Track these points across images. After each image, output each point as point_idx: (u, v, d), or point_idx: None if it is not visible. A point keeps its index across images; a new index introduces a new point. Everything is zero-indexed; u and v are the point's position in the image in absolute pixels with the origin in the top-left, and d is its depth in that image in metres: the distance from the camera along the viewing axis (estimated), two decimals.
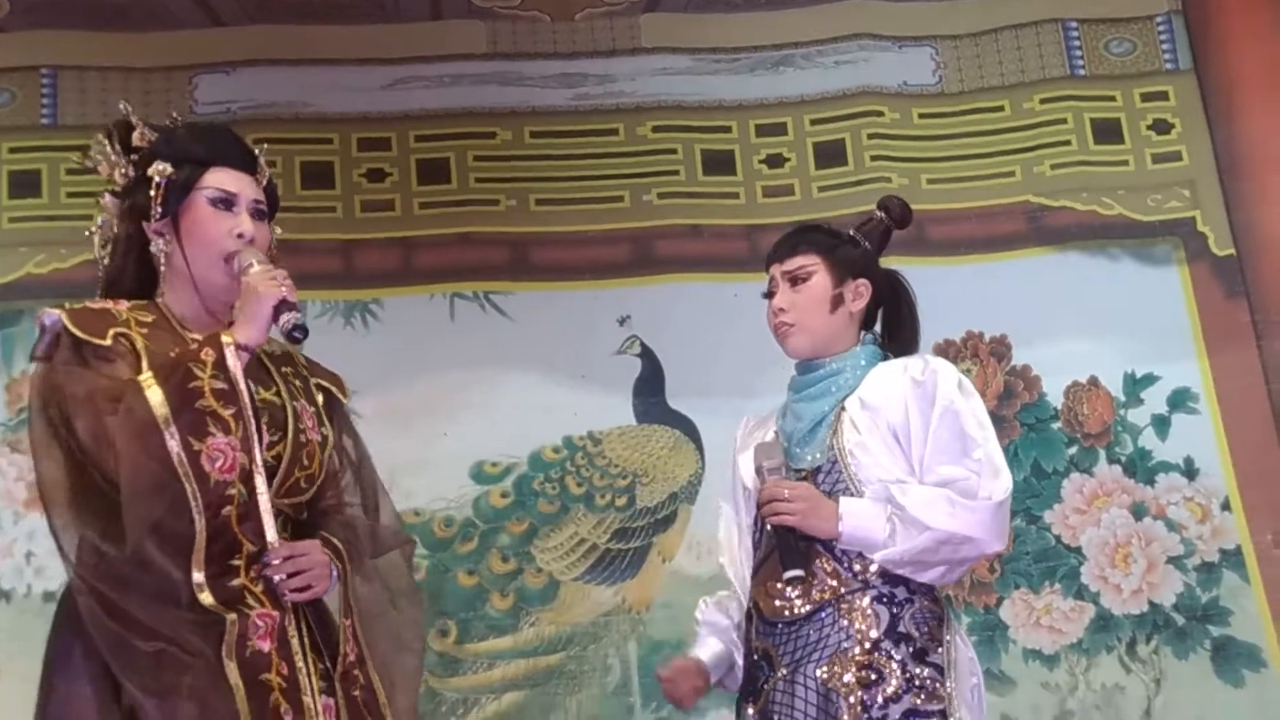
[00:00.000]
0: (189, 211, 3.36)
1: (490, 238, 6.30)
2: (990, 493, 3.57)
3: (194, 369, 3.15)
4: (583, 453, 6.16)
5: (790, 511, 3.59)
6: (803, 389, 3.83)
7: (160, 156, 3.38)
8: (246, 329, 3.23)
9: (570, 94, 6.52)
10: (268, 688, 3.12)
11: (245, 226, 3.36)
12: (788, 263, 3.84)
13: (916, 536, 3.54)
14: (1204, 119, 6.43)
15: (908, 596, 3.62)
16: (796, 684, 3.56)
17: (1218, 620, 5.96)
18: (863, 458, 3.67)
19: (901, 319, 3.97)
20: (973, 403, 3.70)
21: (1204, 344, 6.18)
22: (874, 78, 6.54)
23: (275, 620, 3.18)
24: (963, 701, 3.56)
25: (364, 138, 6.37)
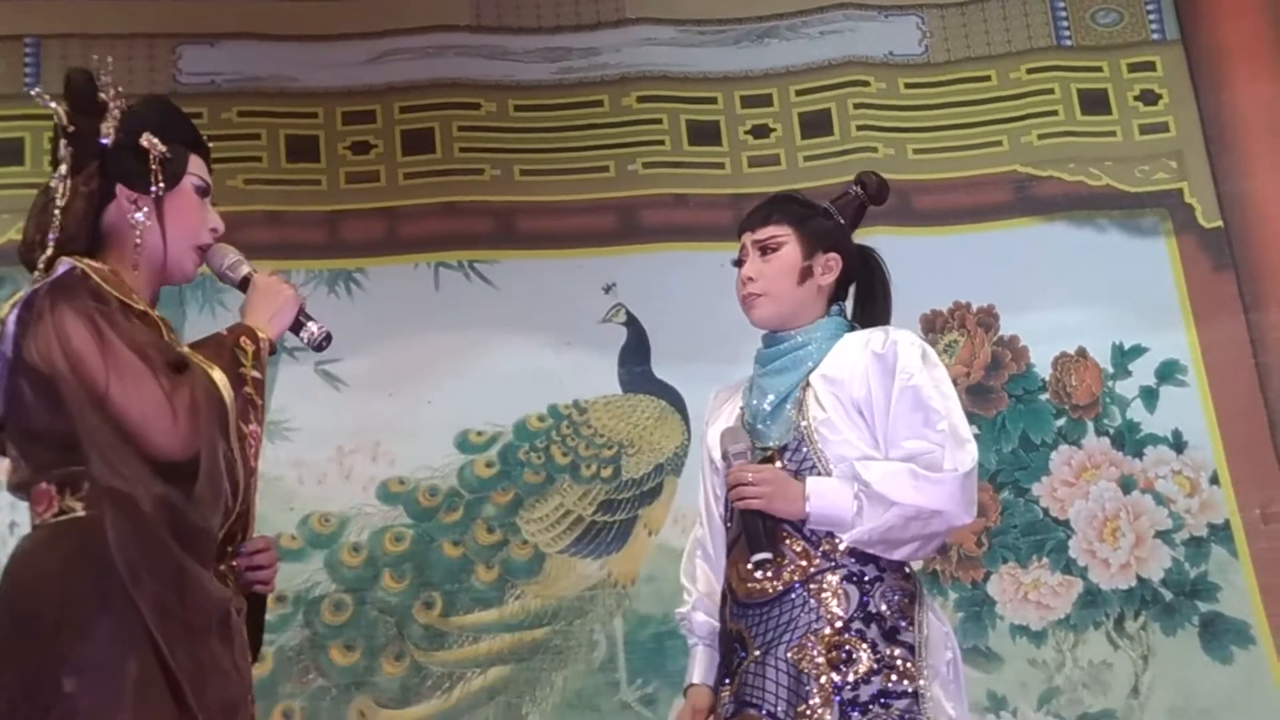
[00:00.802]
0: (177, 195, 3.30)
1: (475, 207, 6.28)
2: (956, 464, 3.53)
3: (239, 356, 3.17)
4: (568, 422, 6.12)
5: (756, 495, 3.56)
6: (768, 362, 3.80)
7: (148, 127, 3.29)
8: (273, 327, 3.28)
9: (554, 67, 6.48)
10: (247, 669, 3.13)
11: (219, 223, 3.37)
12: (759, 232, 3.80)
13: (883, 513, 3.50)
14: (1191, 90, 6.40)
15: (878, 575, 3.58)
16: (768, 665, 3.53)
17: (1206, 596, 5.90)
18: (830, 435, 3.63)
19: (874, 295, 3.92)
20: (935, 373, 3.66)
21: (1192, 316, 6.14)
22: (859, 48, 6.49)
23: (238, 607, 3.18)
24: (936, 678, 3.54)
25: (348, 111, 6.33)
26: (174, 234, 3.29)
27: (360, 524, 5.95)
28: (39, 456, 3.06)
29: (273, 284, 3.33)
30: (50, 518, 3.02)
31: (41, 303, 3.01)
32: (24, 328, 3.03)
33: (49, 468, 3.03)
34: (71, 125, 3.26)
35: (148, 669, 2.91)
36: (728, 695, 3.63)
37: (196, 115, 5.95)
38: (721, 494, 3.81)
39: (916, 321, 6.12)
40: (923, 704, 3.48)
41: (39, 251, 3.19)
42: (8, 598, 3.01)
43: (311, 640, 5.75)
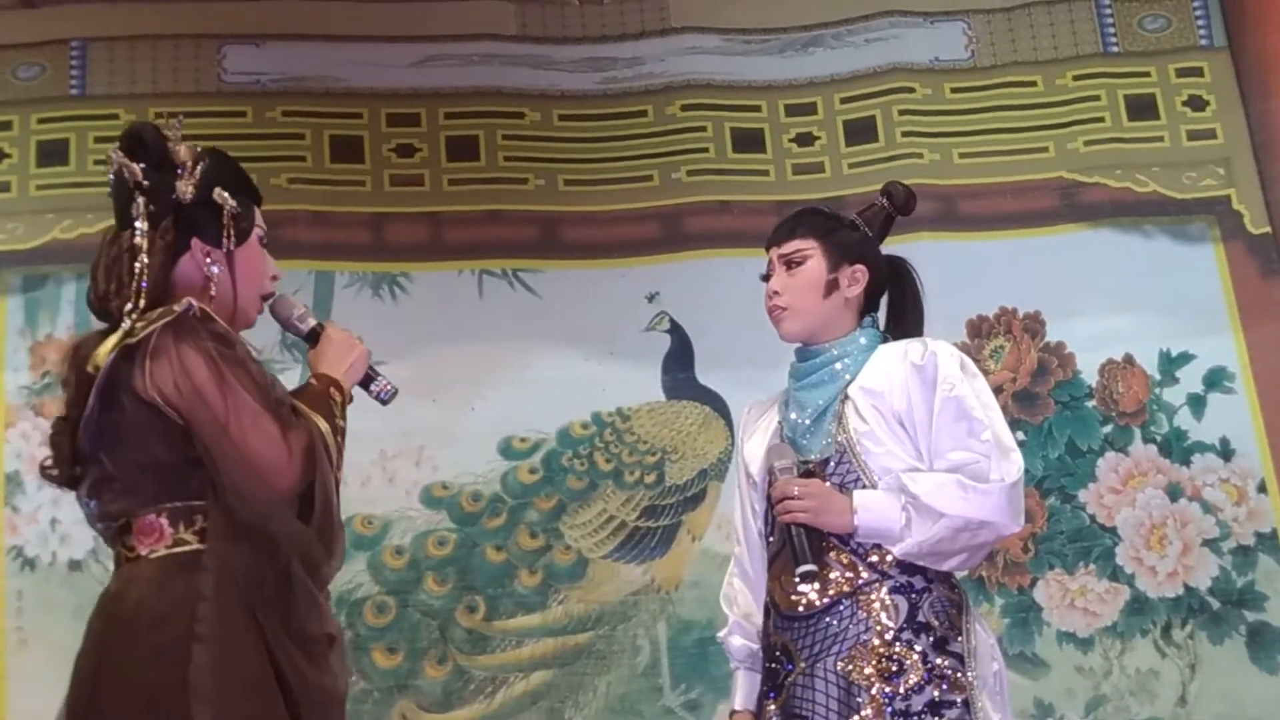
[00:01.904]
0: (246, 247, 3.41)
1: (519, 215, 6.30)
2: (1003, 474, 3.52)
3: (332, 407, 3.31)
4: (611, 429, 6.11)
5: (802, 509, 3.55)
6: (803, 377, 3.78)
7: (219, 183, 3.41)
8: (349, 380, 3.40)
9: (599, 78, 6.49)
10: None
11: (278, 270, 3.49)
12: (784, 246, 3.78)
13: (932, 525, 3.48)
14: (1239, 97, 6.37)
15: (926, 585, 3.57)
16: (816, 678, 3.52)
17: (1253, 605, 5.88)
18: (873, 448, 3.62)
19: (905, 306, 3.89)
20: (976, 383, 3.64)
21: (1240, 323, 6.11)
22: (905, 54, 6.48)
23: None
24: (985, 689, 3.52)
25: (393, 113, 6.36)
26: (243, 284, 3.38)
27: (403, 527, 5.98)
28: (147, 489, 3.15)
29: (346, 338, 3.43)
30: (163, 549, 3.12)
31: (163, 339, 3.11)
32: (135, 365, 3.11)
33: (158, 500, 3.13)
34: (145, 180, 3.33)
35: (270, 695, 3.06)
36: (774, 709, 3.61)
37: (240, 114, 5.98)
38: (760, 509, 3.80)
39: (963, 327, 6.13)
40: (973, 714, 3.46)
41: (115, 301, 3.24)
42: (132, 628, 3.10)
43: (354, 642, 5.76)
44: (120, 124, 5.98)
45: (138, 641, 3.06)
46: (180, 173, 3.35)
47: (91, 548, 5.65)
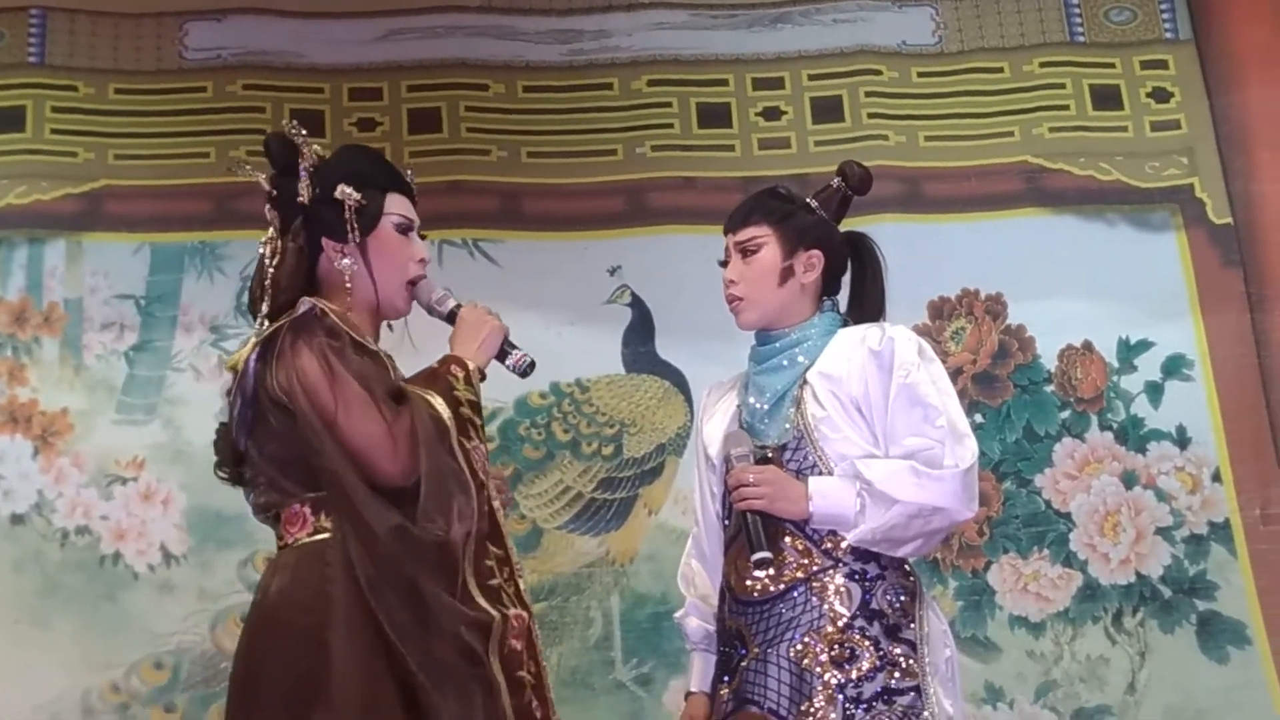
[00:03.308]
0: (379, 237, 3.55)
1: (481, 187, 6.30)
2: (957, 460, 3.56)
3: (451, 381, 3.41)
4: (570, 400, 6.10)
5: (757, 496, 3.59)
6: (763, 361, 3.83)
7: (341, 179, 3.55)
8: (481, 356, 3.52)
9: (565, 50, 6.48)
10: (521, 684, 3.30)
11: (424, 253, 3.62)
12: (739, 233, 3.83)
13: (886, 512, 3.53)
14: (1203, 89, 6.41)
15: (879, 572, 3.61)
16: (769, 663, 3.56)
17: (1204, 594, 5.89)
18: (830, 434, 3.66)
19: (866, 284, 3.92)
20: (932, 369, 3.68)
21: (1199, 311, 6.13)
22: (872, 37, 6.49)
23: (525, 620, 3.37)
24: (937, 675, 3.57)
25: (355, 88, 6.34)
26: (381, 275, 3.53)
27: None
28: (290, 482, 3.34)
29: (479, 316, 3.56)
30: (305, 537, 3.31)
31: (283, 340, 3.30)
32: (265, 364, 3.31)
33: (301, 491, 3.32)
34: (274, 189, 3.56)
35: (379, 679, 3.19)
36: (727, 693, 3.65)
37: (200, 89, 5.91)
38: (718, 491, 3.83)
39: (924, 308, 6.13)
40: (925, 701, 3.50)
41: (259, 305, 3.47)
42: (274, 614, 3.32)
43: None
44: (79, 95, 6.05)
45: (279, 625, 3.26)
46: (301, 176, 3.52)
47: (35, 502, 5.71)
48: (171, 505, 5.70)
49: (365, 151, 3.80)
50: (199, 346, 5.88)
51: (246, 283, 5.69)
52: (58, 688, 5.47)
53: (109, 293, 5.88)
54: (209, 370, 5.83)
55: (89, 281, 5.89)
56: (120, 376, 5.83)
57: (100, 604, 5.59)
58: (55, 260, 5.93)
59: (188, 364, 5.86)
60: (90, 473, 5.71)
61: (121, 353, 5.84)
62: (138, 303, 5.89)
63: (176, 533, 5.68)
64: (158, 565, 5.65)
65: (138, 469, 5.73)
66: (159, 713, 5.54)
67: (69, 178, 5.99)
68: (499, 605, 3.31)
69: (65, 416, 5.75)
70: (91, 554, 5.62)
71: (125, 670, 5.53)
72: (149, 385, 5.83)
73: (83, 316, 5.86)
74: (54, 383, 5.79)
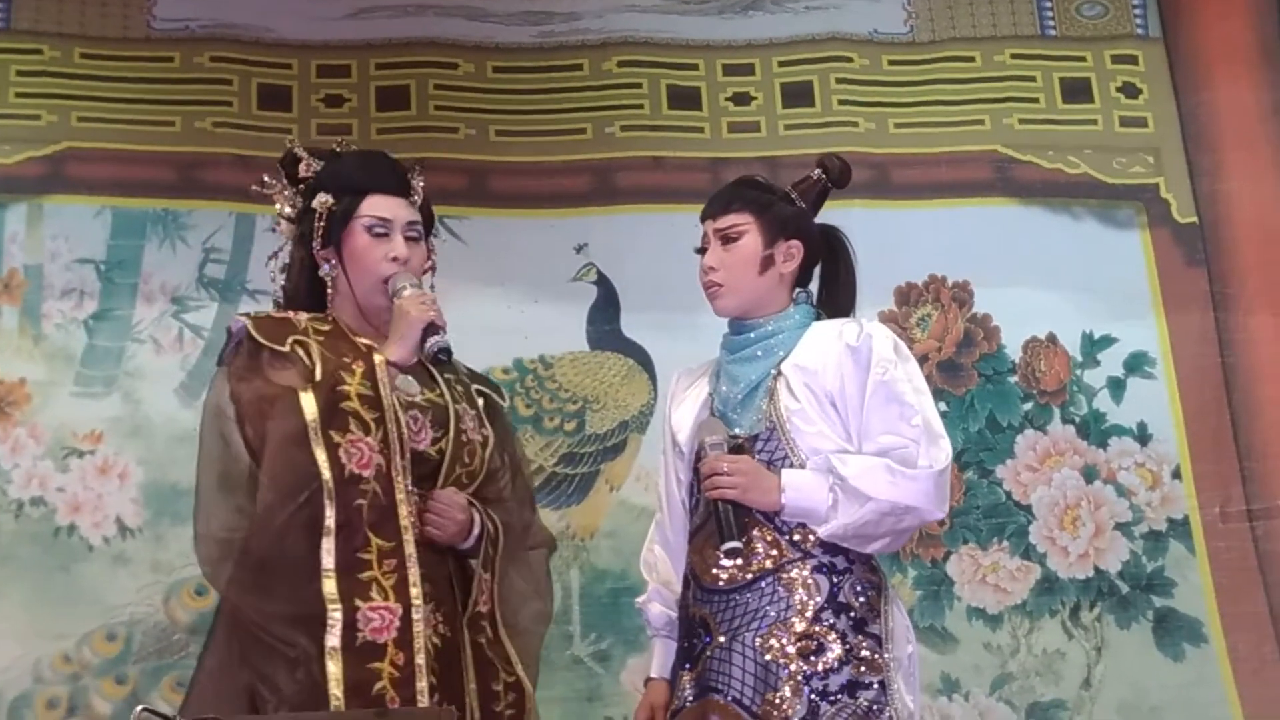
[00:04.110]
0: (350, 239, 3.70)
1: (448, 164, 6.28)
2: (931, 461, 3.61)
3: (344, 375, 3.51)
4: (533, 375, 6.08)
5: (731, 486, 3.61)
6: (736, 350, 3.85)
7: (323, 188, 3.73)
8: (397, 348, 3.60)
9: (535, 31, 6.44)
10: (375, 675, 3.35)
11: (399, 250, 3.71)
12: (720, 220, 3.85)
13: (859, 509, 3.56)
14: (1171, 87, 6.43)
15: (847, 566, 3.64)
16: (734, 652, 3.58)
17: (1161, 591, 5.90)
18: (803, 426, 3.69)
19: (838, 278, 3.96)
20: (909, 367, 3.73)
21: (1163, 309, 6.14)
22: (844, 24, 6.47)
23: (395, 613, 3.41)
24: (900, 670, 3.60)
25: (323, 64, 6.29)
26: (354, 277, 3.69)
27: None
28: None
29: (404, 306, 3.63)
30: None
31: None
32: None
33: None
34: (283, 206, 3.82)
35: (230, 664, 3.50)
36: (689, 680, 3.66)
37: (168, 59, 5.87)
38: (685, 478, 3.86)
39: (891, 293, 6.13)
40: (889, 695, 3.53)
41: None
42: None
43: None
44: (45, 59, 5.99)
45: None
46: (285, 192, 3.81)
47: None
48: (128, 479, 5.66)
49: (356, 156, 3.91)
50: (160, 318, 5.82)
51: (209, 254, 5.82)
52: (9, 657, 5.43)
53: (69, 257, 5.82)
54: (169, 342, 5.80)
55: (49, 246, 5.83)
56: (79, 346, 5.77)
57: (54, 575, 5.55)
58: (16, 225, 5.85)
59: (148, 335, 5.81)
60: (47, 444, 5.66)
61: (81, 321, 5.78)
62: (98, 267, 5.83)
63: (132, 506, 5.63)
64: (112, 538, 5.61)
65: (95, 442, 5.68)
66: (110, 684, 5.51)
67: (31, 140, 5.92)
68: (361, 597, 3.38)
69: (23, 387, 5.70)
70: (46, 525, 5.58)
71: (77, 641, 5.50)
72: (108, 356, 5.78)
73: (43, 284, 5.80)
74: (13, 352, 5.73)
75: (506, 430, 4.03)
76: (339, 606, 3.36)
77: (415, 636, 3.41)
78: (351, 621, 3.36)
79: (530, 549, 3.96)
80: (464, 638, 3.61)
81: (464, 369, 3.98)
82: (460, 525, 3.62)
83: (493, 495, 3.85)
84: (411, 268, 3.73)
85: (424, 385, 3.74)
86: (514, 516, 3.86)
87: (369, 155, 3.95)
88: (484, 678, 3.62)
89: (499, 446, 3.88)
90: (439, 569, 3.61)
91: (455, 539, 3.64)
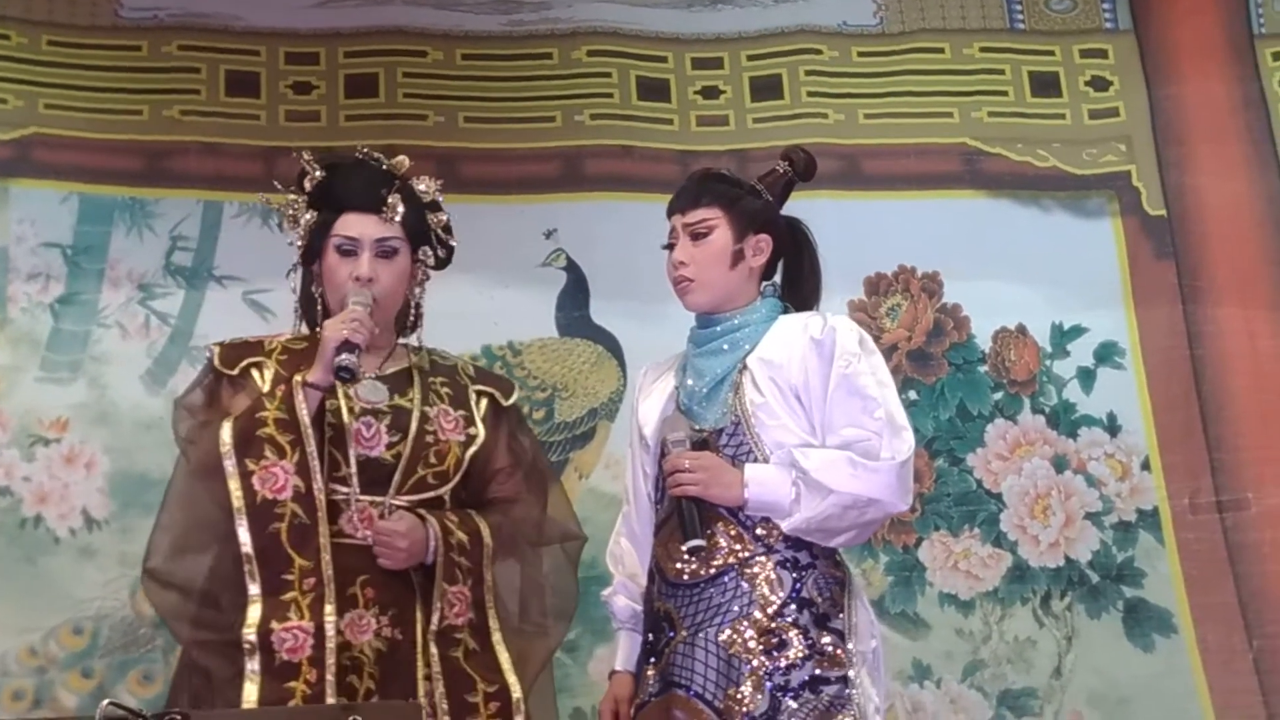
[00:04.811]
0: (323, 257, 3.80)
1: (416, 151, 6.07)
2: (893, 453, 3.63)
3: (264, 402, 3.59)
4: (502, 362, 6.04)
5: (693, 482, 3.63)
6: (703, 344, 3.86)
7: (312, 204, 3.84)
8: (314, 369, 3.63)
9: (504, 20, 6.43)
10: (289, 695, 3.40)
11: (362, 270, 3.75)
12: (689, 215, 3.86)
13: (821, 502, 3.58)
14: (1143, 79, 6.45)
15: (811, 561, 3.66)
16: (697, 647, 3.60)
17: (1131, 581, 5.92)
18: (767, 420, 3.71)
19: (803, 271, 3.98)
20: (873, 360, 3.75)
21: (1132, 300, 6.16)
22: (813, 17, 6.48)
23: (309, 631, 3.46)
24: (864, 665, 3.62)
25: (292, 52, 6.28)
26: (328, 295, 3.78)
27: None
28: None
29: (326, 328, 3.66)
30: None
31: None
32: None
33: None
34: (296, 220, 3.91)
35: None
36: (653, 674, 3.68)
37: (135, 48, 5.90)
38: (651, 472, 3.88)
39: (861, 283, 6.14)
40: (852, 690, 3.55)
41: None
42: None
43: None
44: (12, 44, 6.00)
45: None
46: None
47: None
48: (95, 469, 5.63)
49: (342, 171, 3.97)
50: (126, 303, 5.79)
51: (176, 241, 5.80)
52: None
53: (35, 241, 5.79)
54: (136, 328, 5.77)
55: (15, 229, 5.79)
56: (45, 330, 5.74)
57: (19, 567, 5.52)
58: None
59: (114, 320, 5.78)
60: (13, 432, 5.64)
61: (47, 305, 5.75)
62: (64, 252, 5.80)
63: (99, 497, 5.60)
64: (79, 529, 5.58)
65: (61, 430, 5.65)
66: (76, 678, 5.49)
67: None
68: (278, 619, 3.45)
69: None
70: (12, 516, 5.55)
71: (43, 635, 5.47)
72: (74, 341, 5.75)
73: (8, 266, 5.77)
74: None
75: (514, 428, 4.06)
76: (254, 631, 3.44)
77: (327, 654, 3.46)
78: (268, 644, 3.43)
79: (545, 545, 4.03)
80: (430, 650, 3.64)
81: (471, 369, 4.09)
82: (409, 551, 3.66)
83: (503, 492, 3.94)
84: (383, 285, 3.78)
85: (398, 391, 3.80)
86: (522, 513, 3.94)
87: (352, 170, 3.99)
88: (457, 690, 3.65)
89: (502, 446, 3.95)
90: (396, 575, 3.67)
91: (412, 561, 3.68)
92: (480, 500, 3.92)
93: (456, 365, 4.05)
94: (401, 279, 3.87)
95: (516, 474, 3.98)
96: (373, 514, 3.67)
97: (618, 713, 3.84)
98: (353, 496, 3.66)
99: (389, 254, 3.81)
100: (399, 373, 3.85)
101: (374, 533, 3.64)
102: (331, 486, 3.64)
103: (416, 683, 3.61)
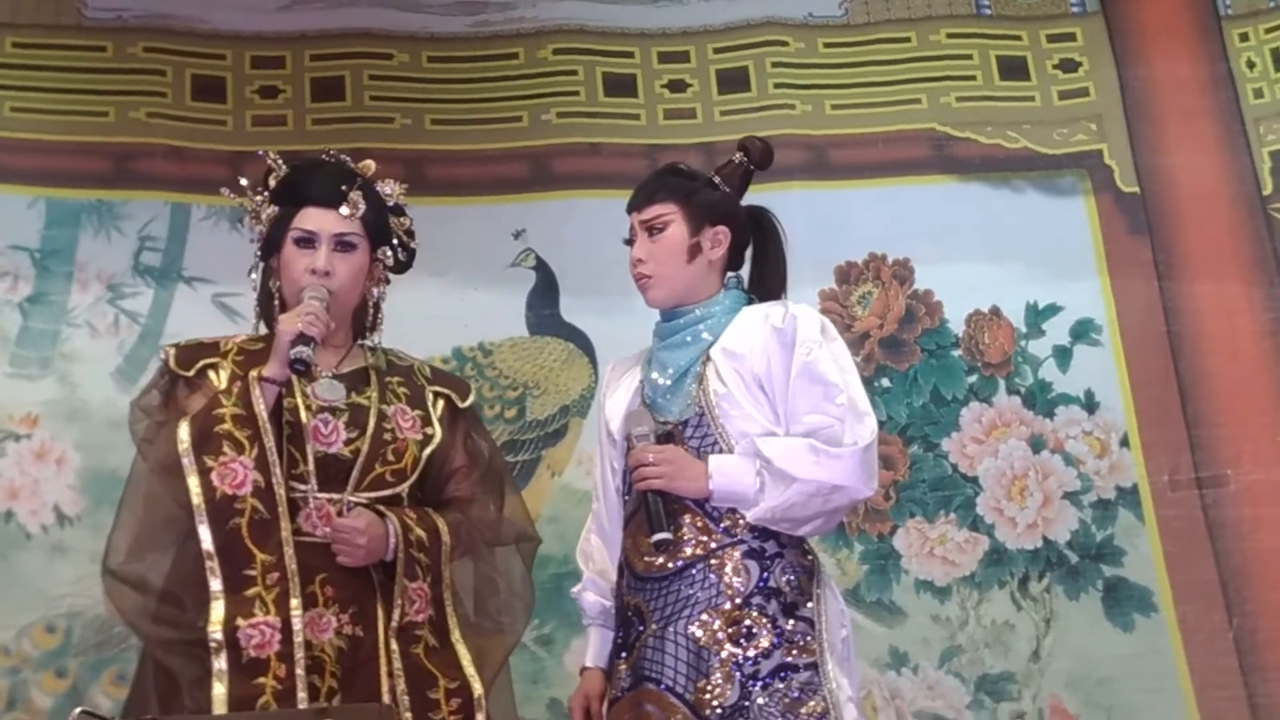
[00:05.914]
0: (282, 251, 3.81)
1: (383, 154, 6.13)
2: (856, 438, 3.63)
3: (221, 398, 3.61)
4: (473, 363, 6.08)
5: (657, 475, 3.65)
6: (667, 337, 3.89)
7: (273, 200, 3.89)
8: (270, 364, 3.64)
9: (470, 21, 6.49)
10: (259, 692, 3.42)
11: (318, 263, 3.77)
12: (645, 211, 3.90)
13: (785, 490, 3.59)
14: (1112, 60, 6.50)
15: (778, 550, 3.67)
16: (667, 640, 3.61)
17: (1111, 560, 5.93)
18: (731, 410, 3.73)
19: (768, 260, 4.00)
20: (835, 347, 3.76)
21: (1108, 276, 6.19)
22: (778, 8, 6.54)
23: (275, 627, 3.48)
24: (834, 654, 3.62)
25: (258, 55, 6.33)
26: (285, 288, 3.80)
27: None
28: None
29: (282, 321, 3.68)
30: None
31: None
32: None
33: None
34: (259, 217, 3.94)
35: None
36: (625, 668, 3.69)
37: (100, 49, 5.90)
38: (618, 467, 3.90)
39: (831, 273, 6.17)
40: (822, 678, 3.55)
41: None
42: None
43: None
44: None
45: None
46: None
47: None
48: (65, 465, 5.64)
49: (304, 168, 3.99)
50: (95, 303, 5.81)
51: (144, 242, 5.78)
52: None
53: (2, 243, 5.80)
54: (105, 327, 5.79)
55: None
56: (14, 327, 5.75)
57: None
58: None
59: (84, 320, 5.79)
60: None
61: (15, 303, 5.77)
62: (32, 255, 5.82)
63: (70, 493, 5.60)
64: (50, 526, 5.58)
65: (31, 426, 5.66)
66: (50, 677, 5.49)
67: None
68: (244, 615, 3.47)
69: None
70: None
71: (16, 633, 5.47)
72: (43, 338, 5.76)
73: None
74: None
75: (470, 429, 4.07)
76: (220, 629, 3.44)
77: (296, 649, 3.47)
78: (234, 641, 3.44)
79: (501, 545, 4.02)
80: (391, 646, 3.65)
81: (427, 371, 4.08)
82: (368, 548, 3.67)
83: (460, 491, 3.95)
84: (339, 279, 3.79)
85: (355, 389, 3.82)
86: (479, 513, 3.93)
87: (313, 167, 4.00)
88: (419, 687, 3.66)
89: (459, 446, 3.96)
90: (355, 572, 3.69)
91: (372, 558, 3.69)
92: (437, 500, 3.94)
93: (413, 366, 4.06)
94: (358, 275, 3.88)
95: (473, 474, 3.99)
96: (331, 511, 3.68)
97: (589, 709, 3.85)
98: (310, 494, 3.68)
99: (347, 248, 3.82)
100: (356, 372, 3.87)
101: (333, 529, 3.66)
102: (290, 485, 3.64)
103: (380, 680, 3.62)
